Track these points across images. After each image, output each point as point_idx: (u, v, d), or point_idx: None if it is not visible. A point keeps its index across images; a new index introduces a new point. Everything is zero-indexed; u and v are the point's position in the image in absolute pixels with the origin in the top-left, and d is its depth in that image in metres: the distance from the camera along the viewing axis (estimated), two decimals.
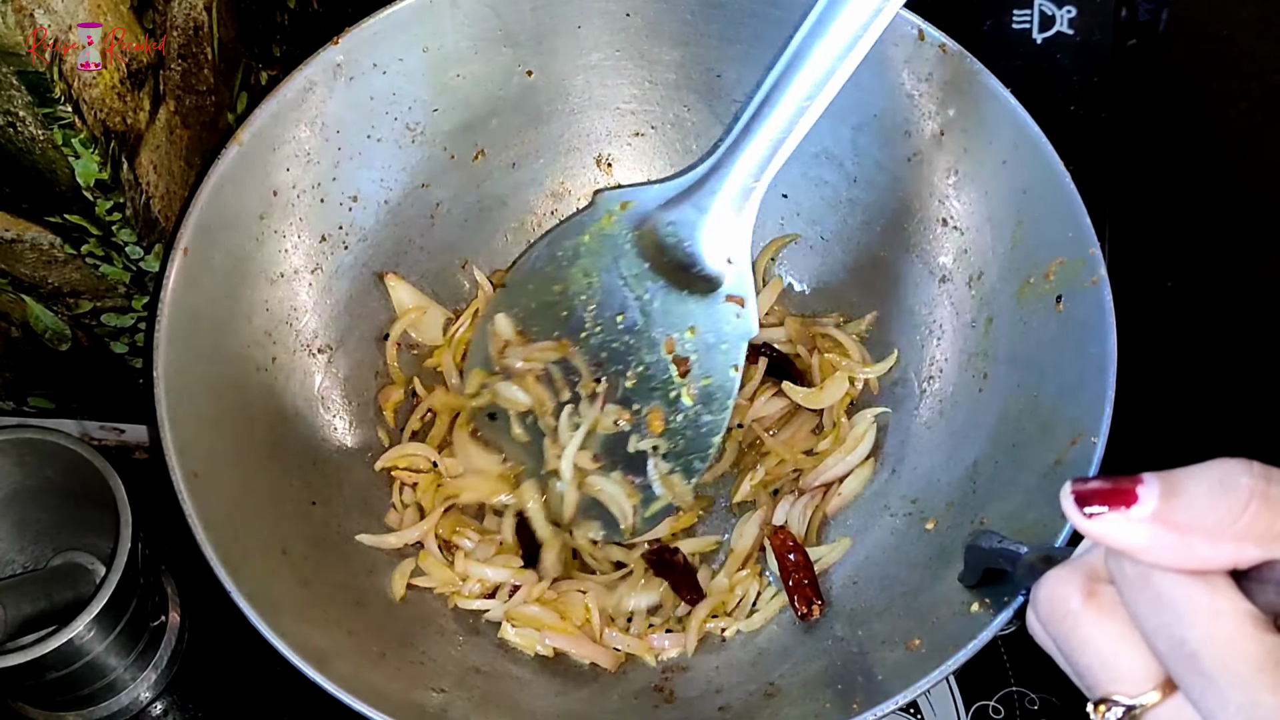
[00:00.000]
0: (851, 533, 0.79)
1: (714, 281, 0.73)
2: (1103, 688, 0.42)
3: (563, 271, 0.77)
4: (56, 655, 0.69)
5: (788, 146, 0.69)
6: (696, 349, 0.75)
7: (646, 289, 0.75)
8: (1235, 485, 0.38)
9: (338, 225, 0.81)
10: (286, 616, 0.65)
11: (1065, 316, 0.70)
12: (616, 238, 0.75)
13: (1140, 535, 0.39)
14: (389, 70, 0.78)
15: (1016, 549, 0.57)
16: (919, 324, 0.81)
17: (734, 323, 0.73)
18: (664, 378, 0.75)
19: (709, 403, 0.74)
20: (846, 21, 0.66)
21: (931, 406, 0.79)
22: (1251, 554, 0.38)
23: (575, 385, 0.78)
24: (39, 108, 0.58)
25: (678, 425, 0.75)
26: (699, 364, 0.74)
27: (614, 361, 0.77)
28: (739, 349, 0.73)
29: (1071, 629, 0.43)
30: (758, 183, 0.71)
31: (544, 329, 0.79)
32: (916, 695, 0.62)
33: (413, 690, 0.69)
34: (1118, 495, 0.40)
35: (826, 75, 0.68)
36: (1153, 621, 0.40)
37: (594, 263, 0.76)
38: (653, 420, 0.75)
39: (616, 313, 0.76)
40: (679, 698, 0.74)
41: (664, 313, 0.75)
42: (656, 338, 0.75)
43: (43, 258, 0.68)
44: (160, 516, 0.70)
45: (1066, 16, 0.97)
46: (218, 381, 0.72)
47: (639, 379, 0.76)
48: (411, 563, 0.77)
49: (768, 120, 0.69)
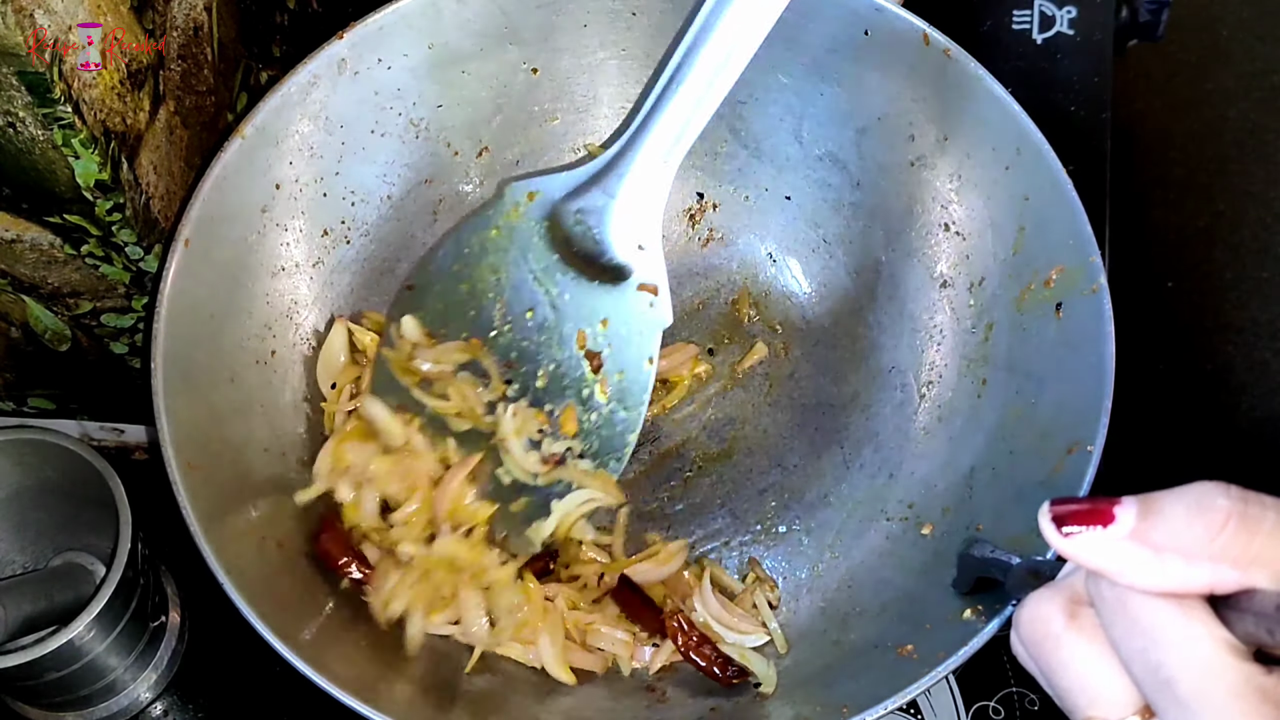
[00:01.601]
0: (847, 536, 0.79)
1: (624, 270, 0.71)
2: (1082, 710, 0.42)
3: (469, 269, 0.74)
4: (56, 655, 0.69)
5: (695, 127, 0.68)
6: (610, 341, 0.72)
7: (556, 282, 0.72)
8: (1212, 506, 0.39)
9: (340, 220, 0.80)
10: (282, 612, 0.65)
11: (1065, 324, 0.70)
12: (524, 230, 0.73)
13: (1117, 555, 0.40)
14: (394, 66, 0.78)
15: (1007, 559, 0.58)
16: (919, 329, 0.81)
17: (647, 313, 0.71)
18: (577, 375, 0.73)
19: (624, 399, 0.72)
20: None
21: (930, 412, 0.79)
22: (1229, 577, 0.39)
23: (486, 388, 0.75)
24: (39, 108, 0.57)
25: (591, 425, 0.73)
26: (612, 358, 0.72)
27: (525, 361, 0.74)
28: (653, 340, 0.71)
29: (1052, 651, 0.43)
30: (666, 164, 0.69)
31: (452, 330, 0.76)
32: (905, 700, 0.63)
33: (410, 689, 0.69)
34: (1095, 515, 0.40)
35: (730, 52, 0.66)
36: (1130, 646, 0.40)
37: (502, 258, 0.73)
38: (566, 421, 0.73)
39: (526, 309, 0.73)
40: (672, 699, 0.74)
41: (575, 305, 0.72)
42: (568, 333, 0.73)
43: (43, 258, 0.68)
44: (160, 516, 0.70)
45: (1066, 16, 0.97)
46: (216, 373, 0.72)
47: (550, 378, 0.73)
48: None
49: (673, 100, 0.67)
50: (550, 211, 0.73)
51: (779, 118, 0.83)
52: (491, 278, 0.74)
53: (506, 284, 0.74)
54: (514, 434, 0.73)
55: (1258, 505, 0.38)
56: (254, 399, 0.75)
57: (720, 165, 0.86)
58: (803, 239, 0.86)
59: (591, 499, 0.73)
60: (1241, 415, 0.92)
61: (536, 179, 0.74)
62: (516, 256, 0.73)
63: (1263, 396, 0.93)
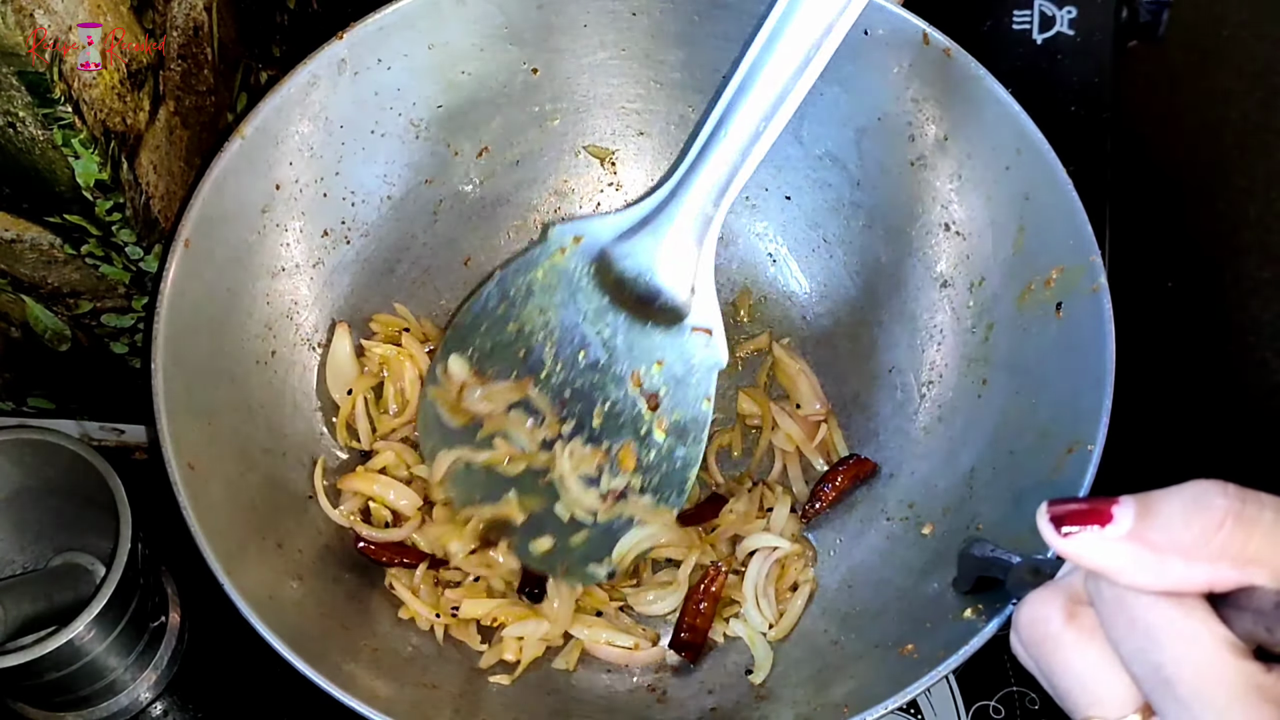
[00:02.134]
0: (847, 536, 0.79)
1: (679, 313, 0.71)
2: (1082, 710, 0.42)
3: (516, 309, 0.74)
4: (56, 655, 0.69)
5: (745, 171, 0.67)
6: (665, 382, 0.72)
7: (608, 323, 0.72)
8: (1210, 505, 0.39)
9: (340, 220, 0.80)
10: (281, 611, 0.65)
11: (1065, 324, 0.70)
12: (572, 273, 0.72)
13: (1115, 555, 0.40)
14: (394, 66, 0.78)
15: (1008, 559, 0.58)
16: (919, 328, 0.81)
17: (703, 353, 0.71)
18: (633, 413, 0.73)
19: (682, 436, 0.72)
20: (799, 38, 0.64)
21: (930, 412, 0.79)
22: (1228, 576, 0.39)
23: (540, 426, 0.75)
24: (39, 108, 0.57)
25: (651, 461, 0.73)
26: (669, 397, 0.72)
27: (578, 400, 0.74)
28: (709, 380, 0.71)
29: (1052, 651, 0.43)
30: (717, 209, 0.68)
31: (501, 370, 0.76)
32: (906, 700, 0.62)
33: (408, 688, 0.69)
34: (1093, 515, 0.40)
35: (781, 95, 0.66)
36: (1129, 645, 0.40)
37: (549, 299, 0.73)
38: (624, 458, 0.72)
39: (578, 349, 0.73)
40: (670, 698, 0.74)
41: (628, 347, 0.72)
42: (622, 373, 0.72)
43: (43, 258, 0.68)
44: (160, 516, 0.70)
45: (1066, 17, 0.97)
46: (216, 373, 0.72)
47: (606, 416, 0.73)
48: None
49: (722, 143, 0.67)
50: (598, 255, 0.73)
51: None
52: (540, 318, 0.74)
53: (556, 325, 0.74)
54: (570, 471, 0.73)
55: (1255, 504, 0.38)
56: (254, 399, 0.75)
57: None
58: (803, 239, 0.86)
59: (652, 536, 0.73)
60: (1242, 415, 0.92)
61: (581, 222, 0.73)
62: (565, 298, 0.73)
63: (1263, 396, 0.93)
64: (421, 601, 0.74)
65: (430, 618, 0.75)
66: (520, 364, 0.75)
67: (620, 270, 0.71)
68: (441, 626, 0.75)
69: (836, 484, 0.79)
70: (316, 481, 0.77)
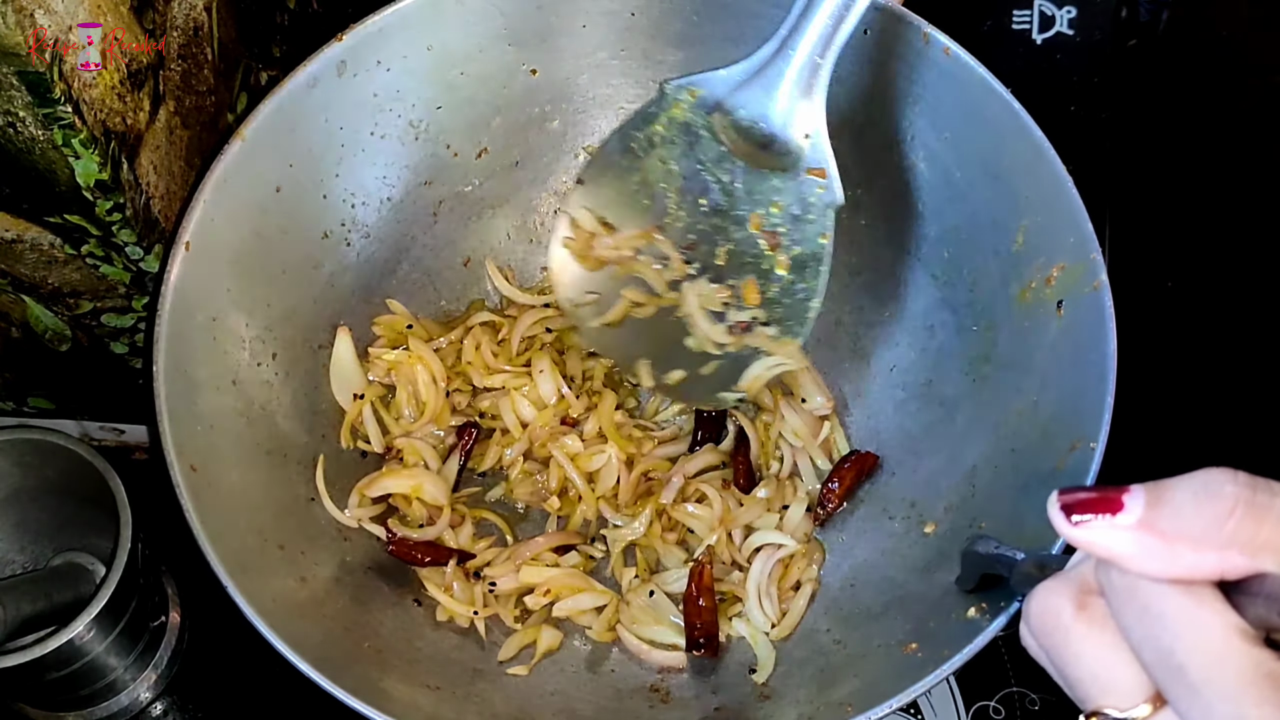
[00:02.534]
0: (849, 535, 0.79)
1: (794, 156, 0.73)
2: (1094, 700, 0.42)
3: (639, 161, 0.77)
4: (56, 655, 0.69)
5: (850, 20, 0.69)
6: (783, 222, 0.74)
7: (726, 170, 0.75)
8: (1220, 493, 0.39)
9: (340, 222, 0.80)
10: (283, 612, 0.65)
11: (1066, 322, 0.70)
12: (690, 124, 0.75)
13: (1126, 542, 0.40)
14: (393, 68, 0.78)
15: (1013, 555, 0.57)
16: (920, 327, 0.81)
17: (818, 194, 0.73)
18: (754, 252, 0.75)
19: (802, 270, 0.74)
20: None
21: (931, 410, 0.79)
22: (1238, 563, 0.39)
23: (667, 268, 0.78)
24: (39, 108, 0.57)
25: (774, 295, 0.75)
26: (788, 236, 0.74)
27: (702, 242, 0.77)
28: (826, 218, 0.73)
29: (1063, 641, 0.43)
30: (823, 59, 0.70)
31: (626, 219, 0.79)
32: (911, 699, 0.62)
33: (409, 687, 0.69)
34: (1104, 503, 0.40)
35: None
36: (1140, 633, 0.40)
37: (670, 151, 0.76)
38: (748, 292, 0.75)
39: (698, 196, 0.76)
40: (674, 698, 0.74)
41: (747, 191, 0.75)
42: (742, 215, 0.75)
43: (43, 258, 0.68)
44: (160, 516, 0.70)
45: (1066, 16, 0.97)
46: (217, 376, 0.72)
47: (729, 256, 0.76)
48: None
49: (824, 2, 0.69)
50: (714, 106, 0.74)
51: None
52: (661, 169, 0.77)
53: (678, 174, 0.76)
54: (698, 307, 0.77)
55: (1266, 491, 0.38)
56: (255, 402, 0.75)
57: None
58: None
59: (779, 364, 0.76)
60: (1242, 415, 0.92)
61: (695, 77, 0.75)
62: (684, 148, 0.75)
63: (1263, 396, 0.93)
64: (455, 599, 0.76)
65: (467, 614, 0.76)
66: (645, 212, 0.78)
67: (736, 119, 0.73)
68: (482, 621, 0.76)
69: (843, 482, 0.80)
70: (319, 484, 0.77)
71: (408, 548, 0.78)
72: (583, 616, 0.78)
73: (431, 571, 0.78)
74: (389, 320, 0.83)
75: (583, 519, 0.81)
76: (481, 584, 0.77)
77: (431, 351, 0.83)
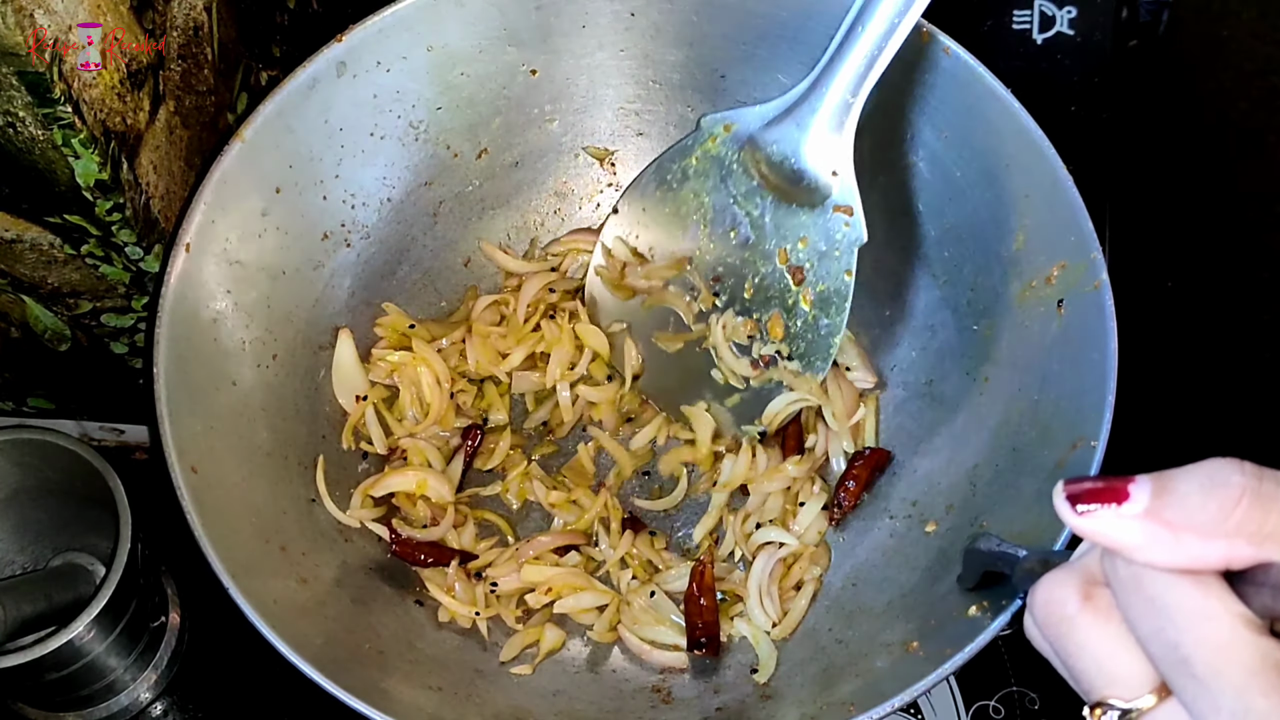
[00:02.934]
0: (850, 534, 0.79)
1: (822, 193, 0.75)
2: (1099, 691, 0.42)
3: (673, 194, 0.80)
4: (56, 656, 0.69)
5: (882, 62, 0.71)
6: (809, 258, 0.76)
7: (756, 205, 0.77)
8: (1226, 483, 0.39)
9: (340, 223, 0.80)
10: (284, 614, 0.65)
11: (1066, 321, 0.70)
12: (722, 158, 0.77)
13: (1133, 532, 0.40)
14: (393, 68, 0.78)
15: (1015, 552, 0.57)
16: (921, 327, 0.81)
17: (844, 231, 0.75)
18: (780, 286, 0.78)
19: (826, 307, 0.76)
20: None
21: (932, 409, 0.79)
22: (1244, 553, 0.39)
23: (695, 300, 0.82)
24: (39, 108, 0.57)
25: (798, 330, 0.78)
26: (813, 272, 0.76)
27: (730, 275, 0.80)
28: (850, 255, 0.75)
29: (1068, 633, 0.43)
30: (855, 98, 0.72)
31: (659, 249, 0.82)
32: (913, 698, 0.62)
33: (411, 688, 0.69)
34: (1110, 493, 0.40)
35: None
36: (1146, 625, 0.40)
37: (702, 184, 0.79)
38: (773, 327, 0.78)
39: (729, 229, 0.79)
40: (676, 698, 0.74)
41: (775, 226, 0.77)
42: (770, 250, 0.78)
43: (43, 258, 0.68)
44: (160, 516, 0.70)
45: (1066, 16, 0.97)
46: (217, 377, 0.72)
47: (756, 290, 0.79)
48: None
49: (861, 37, 0.70)
50: (746, 141, 0.76)
51: None
52: (694, 201, 0.80)
53: (709, 207, 0.79)
54: (724, 340, 0.80)
55: (1272, 481, 0.38)
56: (256, 403, 0.75)
57: None
58: None
59: (801, 399, 0.80)
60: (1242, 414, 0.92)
61: (730, 113, 0.77)
62: (716, 182, 0.78)
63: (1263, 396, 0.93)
64: (457, 600, 0.76)
65: (469, 614, 0.76)
66: (678, 243, 0.81)
67: (767, 155, 0.76)
68: (484, 622, 0.76)
69: (859, 480, 0.79)
70: (320, 485, 0.77)
71: (411, 548, 0.78)
72: (584, 616, 0.78)
73: (433, 573, 0.78)
74: (390, 321, 0.83)
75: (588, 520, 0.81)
76: (483, 584, 0.77)
77: (434, 353, 0.83)
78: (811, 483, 0.80)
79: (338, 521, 0.77)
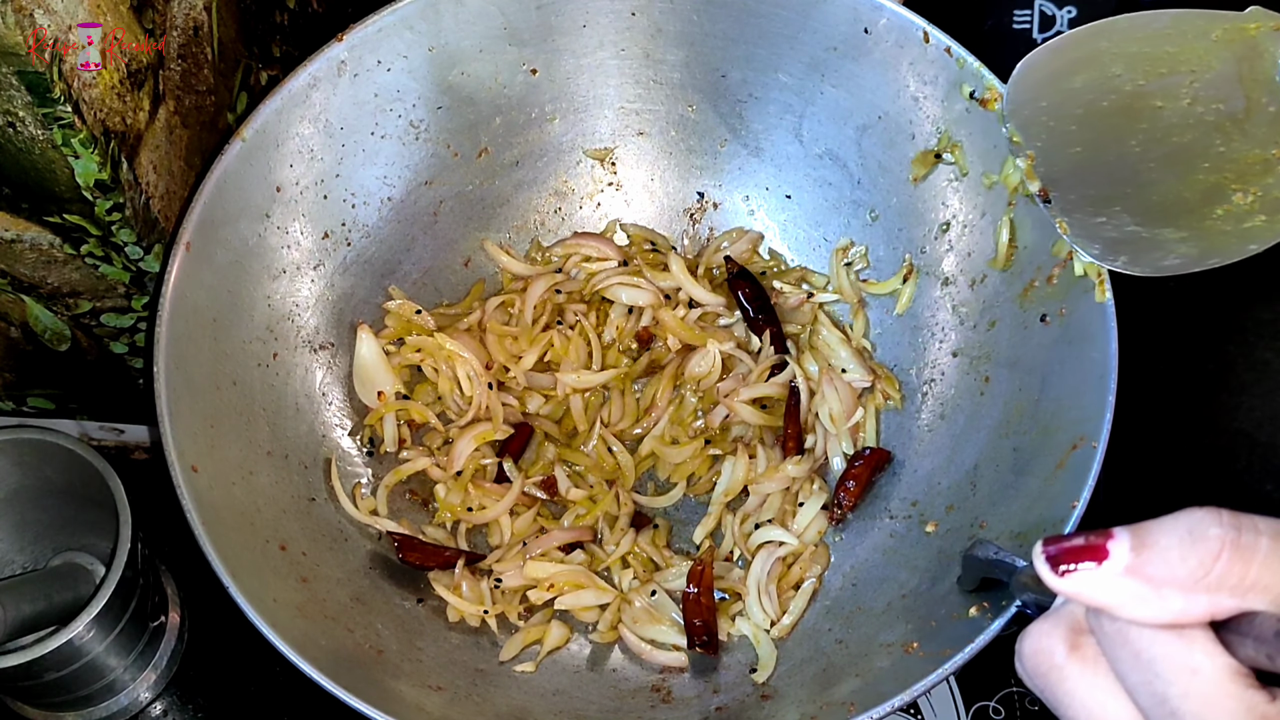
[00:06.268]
0: (850, 534, 0.79)
1: None
2: None
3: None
4: (56, 655, 0.69)
5: None
6: None
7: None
8: (1205, 535, 0.38)
9: (340, 222, 0.80)
10: (284, 613, 0.65)
11: (1067, 321, 0.70)
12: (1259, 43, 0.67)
13: (1115, 591, 0.39)
14: (393, 68, 0.78)
15: (1012, 561, 0.57)
16: (921, 326, 0.81)
17: None
18: None
19: None
20: None
21: (932, 409, 0.79)
22: (1227, 604, 0.38)
23: None
24: (39, 108, 0.57)
25: None
26: None
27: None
28: None
29: (1057, 682, 0.43)
30: None
31: None
32: (913, 698, 0.62)
33: (411, 688, 0.69)
34: (1089, 552, 0.40)
35: None
36: (1133, 678, 0.40)
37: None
38: None
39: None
40: (676, 697, 0.74)
41: None
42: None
43: (43, 258, 0.68)
44: (160, 516, 0.70)
45: (1066, 16, 0.97)
46: (218, 376, 0.72)
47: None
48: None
49: None
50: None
51: (779, 116, 0.83)
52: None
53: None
54: None
55: (1251, 530, 0.38)
56: (256, 402, 0.75)
57: (720, 164, 0.86)
58: (803, 238, 0.86)
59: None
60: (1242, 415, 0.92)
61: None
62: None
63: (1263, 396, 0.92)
64: (464, 599, 0.76)
65: (477, 613, 0.76)
66: None
67: None
68: (493, 619, 0.76)
69: (859, 481, 0.79)
70: (335, 483, 0.77)
71: (417, 552, 0.78)
72: (586, 613, 0.78)
73: (440, 573, 0.78)
74: (397, 309, 0.83)
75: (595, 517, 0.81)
76: (488, 580, 0.77)
77: (460, 345, 0.82)
78: (811, 482, 0.80)
79: (338, 521, 0.77)
